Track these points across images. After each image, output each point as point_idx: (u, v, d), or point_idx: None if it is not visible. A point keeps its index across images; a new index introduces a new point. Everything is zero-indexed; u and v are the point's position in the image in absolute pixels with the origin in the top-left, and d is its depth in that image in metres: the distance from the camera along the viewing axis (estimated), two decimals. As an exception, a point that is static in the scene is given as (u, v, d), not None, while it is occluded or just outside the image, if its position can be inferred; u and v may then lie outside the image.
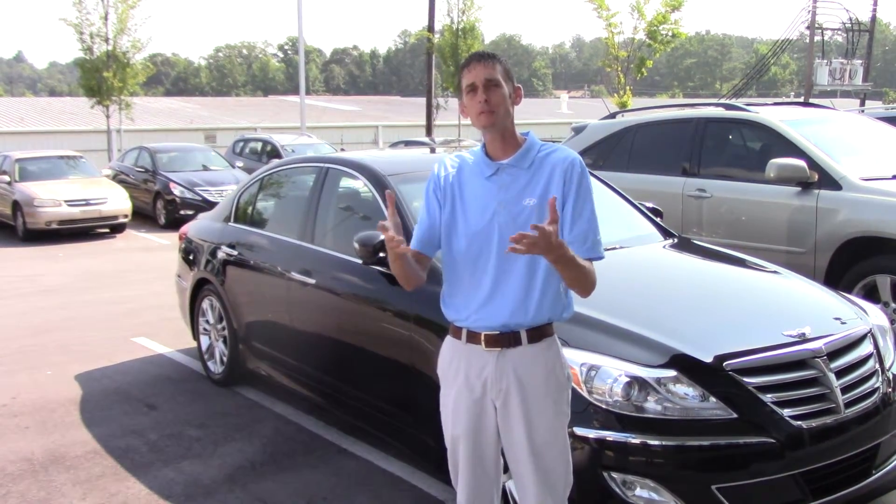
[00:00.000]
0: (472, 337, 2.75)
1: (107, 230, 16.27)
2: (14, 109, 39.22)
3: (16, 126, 33.28)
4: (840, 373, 3.57)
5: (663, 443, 3.25)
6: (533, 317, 2.72)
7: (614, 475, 3.27)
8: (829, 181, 6.32)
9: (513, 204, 2.68)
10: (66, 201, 15.37)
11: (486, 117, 2.66)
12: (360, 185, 5.00)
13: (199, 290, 6.44)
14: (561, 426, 2.79)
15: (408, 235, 3.05)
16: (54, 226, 15.32)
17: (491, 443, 2.80)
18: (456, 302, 2.78)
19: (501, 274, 2.68)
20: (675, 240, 5.15)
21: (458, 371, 2.80)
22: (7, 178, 16.24)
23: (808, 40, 29.85)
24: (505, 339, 2.72)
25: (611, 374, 3.34)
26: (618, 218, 5.34)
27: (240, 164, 19.56)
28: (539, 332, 2.75)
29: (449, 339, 2.87)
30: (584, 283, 2.66)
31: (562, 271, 2.56)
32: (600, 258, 2.74)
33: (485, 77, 2.65)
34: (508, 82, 2.71)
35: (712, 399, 3.31)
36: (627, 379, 3.32)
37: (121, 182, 17.96)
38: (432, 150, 6.35)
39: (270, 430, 5.35)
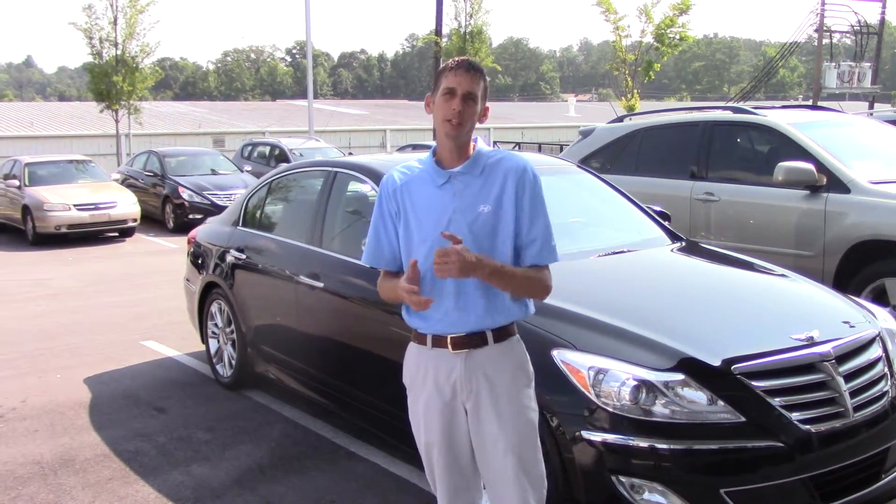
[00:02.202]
0: (438, 341, 2.76)
1: (116, 234, 16.32)
2: (24, 114, 39.41)
3: (25, 130, 33.43)
4: (849, 376, 3.56)
5: (671, 446, 3.24)
6: (498, 319, 2.76)
7: (622, 479, 3.27)
8: (837, 184, 6.30)
9: (468, 211, 2.70)
10: (75, 205, 15.42)
11: (452, 127, 2.68)
12: (368, 188, 5.01)
13: (207, 294, 6.46)
14: (532, 423, 2.81)
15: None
16: (63, 230, 15.37)
17: (465, 445, 2.81)
18: (420, 313, 2.76)
19: (463, 281, 2.67)
20: (683, 243, 5.14)
21: (425, 377, 2.81)
22: (17, 182, 16.31)
23: (816, 43, 29.78)
24: (471, 340, 2.74)
25: (619, 378, 3.34)
26: (626, 221, 5.34)
27: (248, 168, 19.60)
28: (504, 332, 2.79)
29: (413, 345, 2.87)
30: (529, 291, 2.78)
31: (497, 285, 2.67)
32: (554, 261, 2.78)
33: (467, 89, 2.67)
34: (482, 100, 2.74)
35: (720, 403, 3.30)
36: (635, 382, 3.31)
37: (130, 186, 18.01)
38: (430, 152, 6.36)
39: (279, 433, 5.36)
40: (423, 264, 2.67)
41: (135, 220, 16.20)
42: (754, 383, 3.38)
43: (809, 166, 6.34)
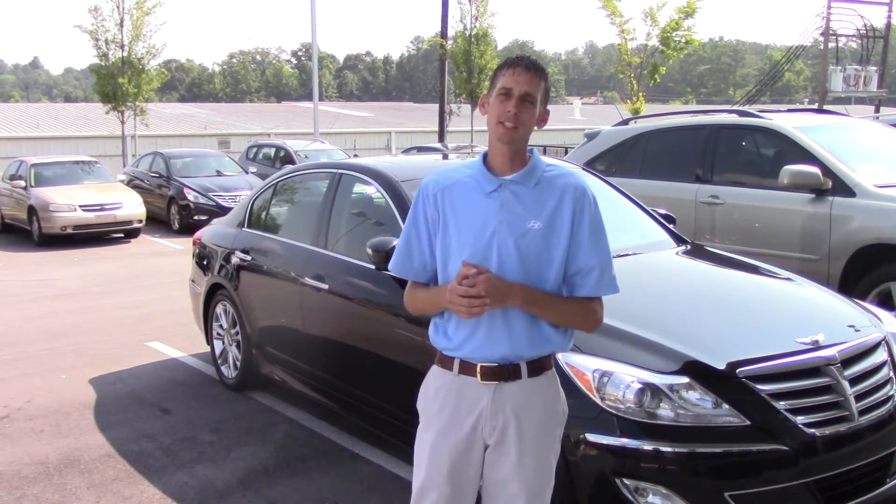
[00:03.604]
0: (466, 368, 2.51)
1: (121, 235, 16.35)
2: (30, 115, 39.51)
3: (31, 131, 33.51)
4: (854, 380, 3.56)
5: (676, 450, 3.24)
6: (536, 348, 2.52)
7: (626, 482, 3.27)
8: (843, 188, 6.30)
9: (515, 225, 2.45)
10: (80, 206, 15.46)
11: (507, 131, 2.43)
12: (373, 190, 5.02)
13: (212, 295, 6.47)
14: (552, 469, 2.60)
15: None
16: (69, 231, 15.40)
17: (471, 487, 2.58)
18: (449, 328, 2.54)
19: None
20: (688, 246, 5.14)
21: (444, 405, 2.55)
22: (23, 183, 16.35)
23: (822, 46, 29.72)
24: (504, 371, 2.49)
25: (623, 381, 3.34)
26: (631, 224, 5.34)
27: (253, 169, 19.64)
28: (540, 365, 2.54)
29: (436, 369, 2.61)
30: (576, 323, 2.56)
31: (540, 314, 2.47)
32: (614, 293, 2.59)
33: (525, 90, 2.43)
34: (542, 104, 2.49)
35: (725, 406, 3.30)
36: (640, 385, 3.31)
37: (135, 187, 18.04)
38: (445, 157, 6.36)
39: (283, 434, 5.37)
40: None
41: (140, 222, 16.22)
42: (759, 387, 3.38)
43: (815, 170, 6.33)
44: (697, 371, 3.38)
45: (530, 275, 2.45)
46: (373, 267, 4.46)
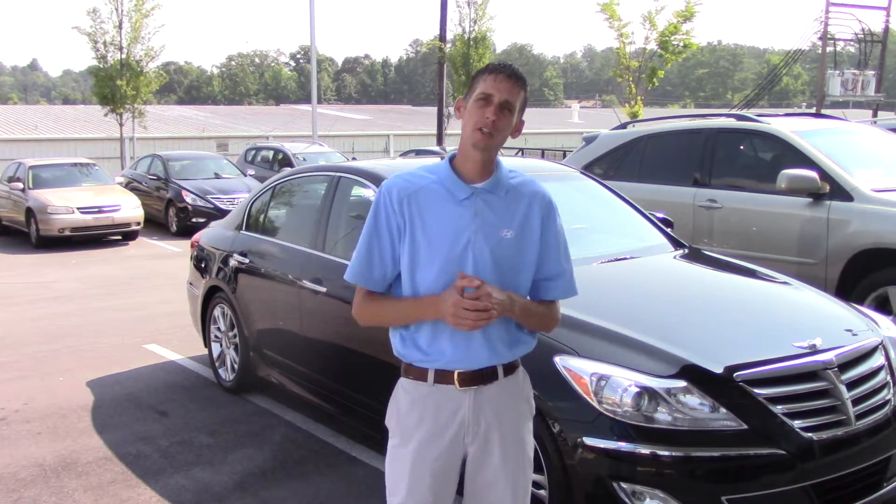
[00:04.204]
0: (443, 377, 2.45)
1: (119, 237, 16.35)
2: (28, 117, 39.55)
3: (30, 133, 33.54)
4: (851, 384, 3.56)
5: (673, 453, 3.25)
6: (513, 351, 2.53)
7: (623, 486, 3.27)
8: (840, 192, 6.31)
9: (490, 234, 2.42)
10: (78, 208, 15.45)
11: (483, 138, 2.38)
12: (372, 193, 5.02)
13: (210, 298, 6.47)
14: (531, 459, 2.63)
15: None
16: (67, 233, 15.40)
17: (451, 495, 2.54)
18: (421, 340, 2.47)
19: None
20: (686, 250, 5.14)
21: (422, 418, 2.47)
22: (21, 185, 16.34)
23: (820, 51, 29.78)
24: (482, 375, 2.46)
25: (621, 384, 3.34)
26: (628, 228, 5.35)
27: (251, 172, 19.65)
28: (512, 365, 2.56)
29: (406, 382, 2.53)
30: (543, 326, 2.59)
31: (524, 321, 2.49)
32: (574, 295, 2.62)
33: (505, 97, 2.38)
34: (519, 113, 2.46)
35: (722, 410, 3.31)
36: (637, 389, 3.31)
37: (133, 189, 18.06)
38: (443, 159, 6.37)
39: (281, 437, 5.37)
40: (429, 290, 2.42)
41: (138, 224, 16.22)
42: (756, 391, 3.38)
43: (812, 174, 6.34)
44: (695, 375, 3.38)
45: (504, 283, 2.42)
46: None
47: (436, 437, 2.47)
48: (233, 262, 6.09)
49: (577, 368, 3.43)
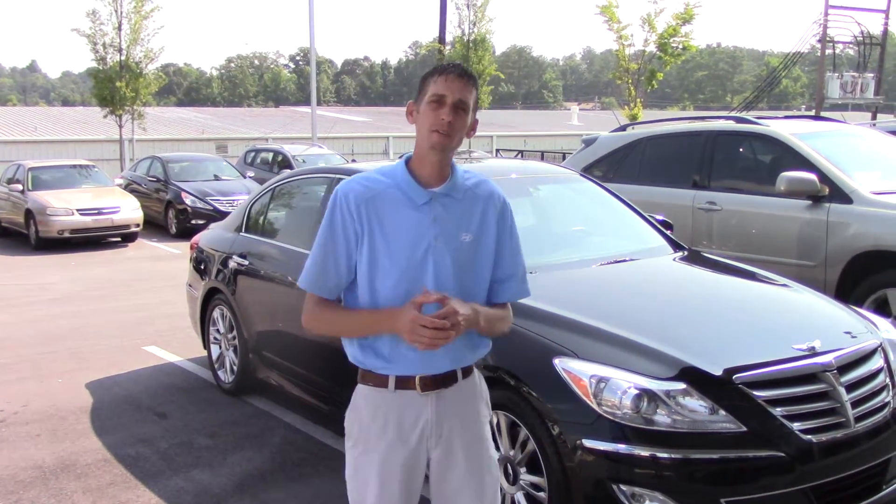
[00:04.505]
0: (403, 383, 2.43)
1: (118, 239, 16.35)
2: (27, 118, 39.52)
3: (29, 135, 33.49)
4: (850, 387, 3.56)
5: (672, 456, 3.24)
6: (473, 355, 2.52)
7: (623, 488, 3.27)
8: (839, 195, 6.31)
9: (450, 239, 2.39)
10: (78, 210, 15.45)
11: (440, 139, 2.34)
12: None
13: (209, 300, 6.47)
14: (495, 459, 2.61)
15: None
16: (66, 234, 15.40)
17: (416, 499, 2.53)
18: (383, 348, 2.42)
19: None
20: (685, 252, 5.15)
21: (385, 425, 2.44)
22: (20, 186, 16.34)
23: (819, 53, 29.78)
24: (443, 380, 2.45)
25: (620, 387, 3.34)
26: (628, 230, 5.35)
27: (251, 174, 19.63)
28: (470, 367, 2.54)
29: (366, 389, 2.49)
30: (503, 329, 2.54)
31: (485, 329, 2.44)
32: (527, 296, 2.60)
33: (459, 97, 2.34)
34: (473, 112, 2.41)
35: (722, 412, 3.31)
36: (637, 391, 3.31)
37: (133, 191, 18.06)
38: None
39: (280, 439, 5.36)
40: (388, 298, 2.37)
41: (137, 226, 16.22)
42: (756, 393, 3.38)
43: (812, 176, 6.34)
44: (694, 377, 3.38)
45: (464, 287, 2.41)
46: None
47: (401, 443, 2.44)
48: (232, 264, 6.09)
49: (577, 370, 3.43)
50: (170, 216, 17.53)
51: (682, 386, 3.34)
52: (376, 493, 2.45)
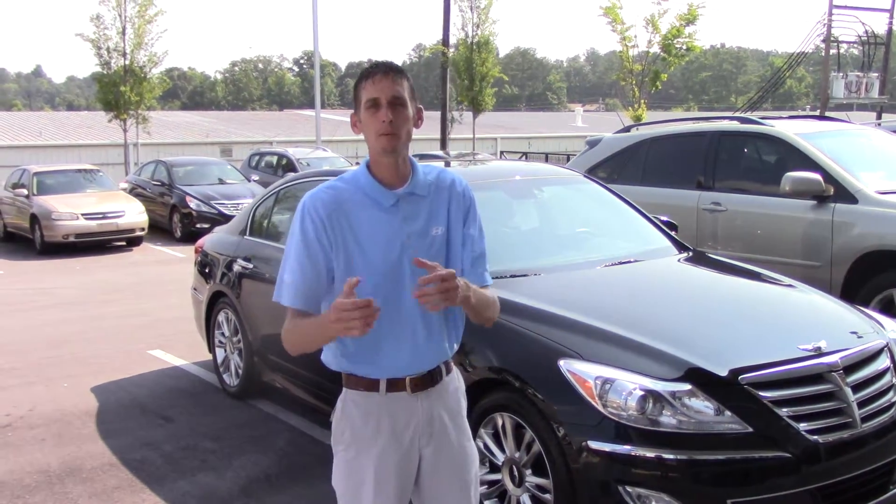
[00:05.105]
0: (394, 385, 2.45)
1: (123, 243, 16.38)
2: (32, 123, 39.58)
3: (34, 140, 33.55)
4: (856, 387, 3.55)
5: (678, 457, 3.24)
6: (452, 347, 2.54)
7: (629, 489, 3.27)
8: (844, 195, 6.30)
9: (423, 235, 2.42)
10: (83, 215, 15.49)
11: (388, 140, 2.34)
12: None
13: (214, 303, 6.47)
14: (476, 452, 2.65)
15: None
16: (71, 239, 15.43)
17: (408, 498, 2.54)
18: (368, 355, 2.44)
19: (423, 315, 2.40)
20: (690, 253, 5.14)
21: (378, 428, 2.45)
22: (25, 191, 16.40)
23: (823, 53, 29.75)
24: (431, 378, 2.48)
25: (625, 388, 3.33)
26: (632, 231, 5.34)
27: (255, 177, 19.65)
28: (449, 362, 2.57)
29: (356, 394, 2.50)
30: (493, 313, 2.52)
31: (472, 309, 2.40)
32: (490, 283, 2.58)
33: (391, 94, 2.33)
34: (413, 102, 2.40)
35: (727, 413, 3.30)
36: (642, 392, 3.31)
37: (137, 195, 18.09)
38: (447, 164, 6.36)
39: (285, 442, 5.36)
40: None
41: (142, 230, 16.26)
42: (762, 393, 3.37)
43: (817, 177, 6.33)
44: (699, 378, 3.38)
45: None
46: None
47: (394, 445, 2.46)
48: (237, 268, 6.09)
49: (582, 372, 3.42)
50: (174, 220, 17.57)
51: (687, 387, 3.34)
52: (372, 495, 2.45)
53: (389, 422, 2.45)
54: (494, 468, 3.82)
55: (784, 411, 3.36)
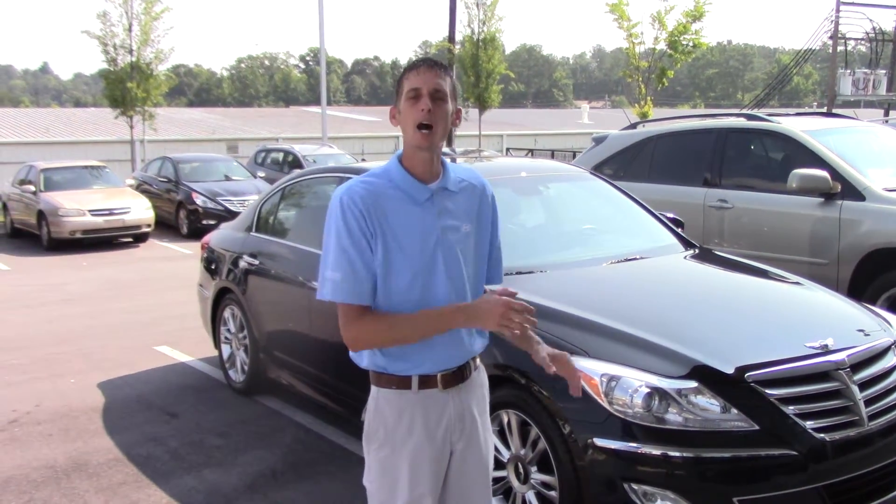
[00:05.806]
0: (426, 382, 2.46)
1: (130, 240, 16.41)
2: (39, 120, 39.66)
3: (41, 136, 33.61)
4: (863, 385, 3.54)
5: (684, 454, 3.23)
6: (481, 342, 2.57)
7: (634, 486, 3.26)
8: (852, 192, 6.28)
9: (455, 231, 2.45)
10: (89, 211, 15.52)
11: (424, 137, 2.35)
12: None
13: (220, 300, 6.48)
14: (493, 440, 2.73)
15: None
16: (78, 235, 15.47)
17: (438, 495, 2.55)
18: (404, 351, 2.42)
19: None
20: (697, 250, 5.13)
21: (412, 425, 2.45)
22: (32, 188, 16.42)
23: (830, 50, 29.64)
24: (461, 374, 2.51)
25: (631, 385, 3.33)
26: (639, 228, 5.33)
27: (261, 174, 19.67)
28: (476, 357, 2.60)
29: (388, 392, 2.48)
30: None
31: (519, 340, 2.54)
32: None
33: (433, 86, 2.36)
34: (453, 101, 2.44)
35: (734, 411, 3.29)
36: (648, 390, 3.30)
37: (144, 192, 18.13)
38: (452, 160, 6.36)
39: (291, 438, 5.37)
40: (403, 294, 2.38)
41: (149, 226, 16.28)
42: (768, 391, 3.36)
43: (824, 174, 6.31)
44: (706, 375, 3.37)
45: (471, 277, 2.49)
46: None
47: (428, 441, 2.47)
48: (243, 264, 6.10)
49: (588, 369, 3.42)
50: (181, 216, 17.58)
51: (693, 384, 3.33)
52: (407, 492, 2.46)
53: (423, 419, 2.46)
54: (500, 465, 3.81)
55: (790, 409, 3.35)
